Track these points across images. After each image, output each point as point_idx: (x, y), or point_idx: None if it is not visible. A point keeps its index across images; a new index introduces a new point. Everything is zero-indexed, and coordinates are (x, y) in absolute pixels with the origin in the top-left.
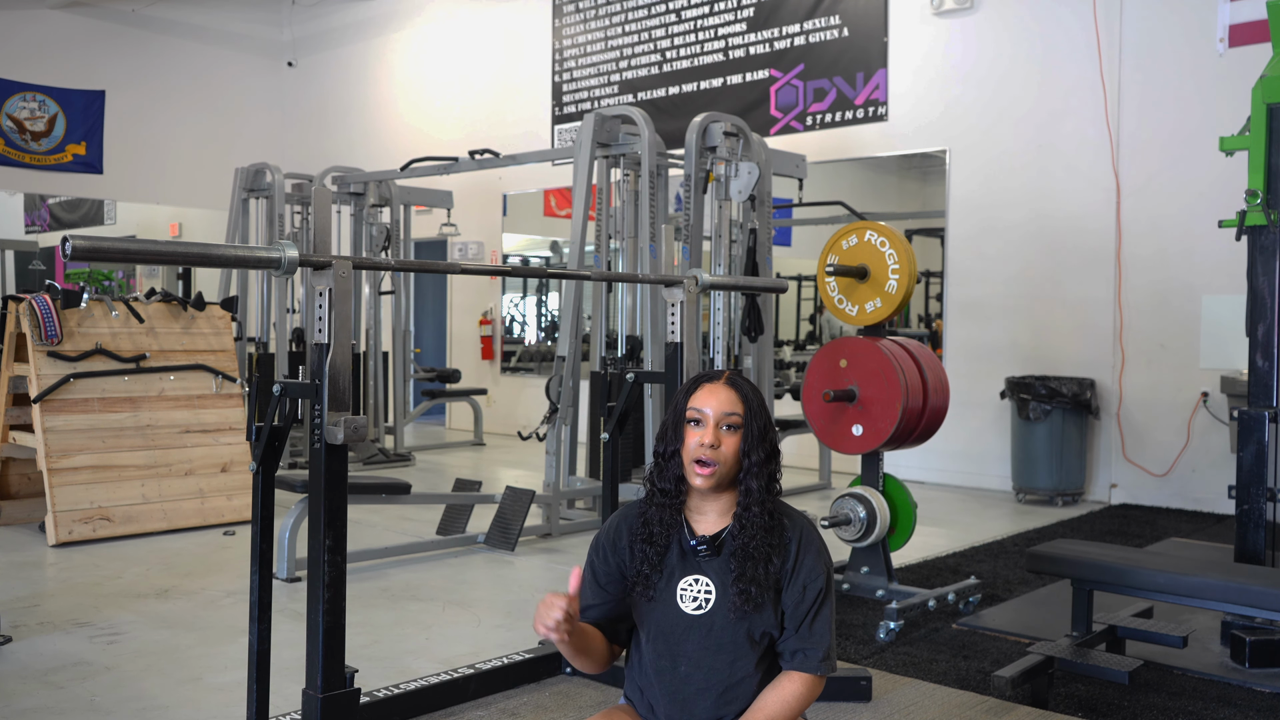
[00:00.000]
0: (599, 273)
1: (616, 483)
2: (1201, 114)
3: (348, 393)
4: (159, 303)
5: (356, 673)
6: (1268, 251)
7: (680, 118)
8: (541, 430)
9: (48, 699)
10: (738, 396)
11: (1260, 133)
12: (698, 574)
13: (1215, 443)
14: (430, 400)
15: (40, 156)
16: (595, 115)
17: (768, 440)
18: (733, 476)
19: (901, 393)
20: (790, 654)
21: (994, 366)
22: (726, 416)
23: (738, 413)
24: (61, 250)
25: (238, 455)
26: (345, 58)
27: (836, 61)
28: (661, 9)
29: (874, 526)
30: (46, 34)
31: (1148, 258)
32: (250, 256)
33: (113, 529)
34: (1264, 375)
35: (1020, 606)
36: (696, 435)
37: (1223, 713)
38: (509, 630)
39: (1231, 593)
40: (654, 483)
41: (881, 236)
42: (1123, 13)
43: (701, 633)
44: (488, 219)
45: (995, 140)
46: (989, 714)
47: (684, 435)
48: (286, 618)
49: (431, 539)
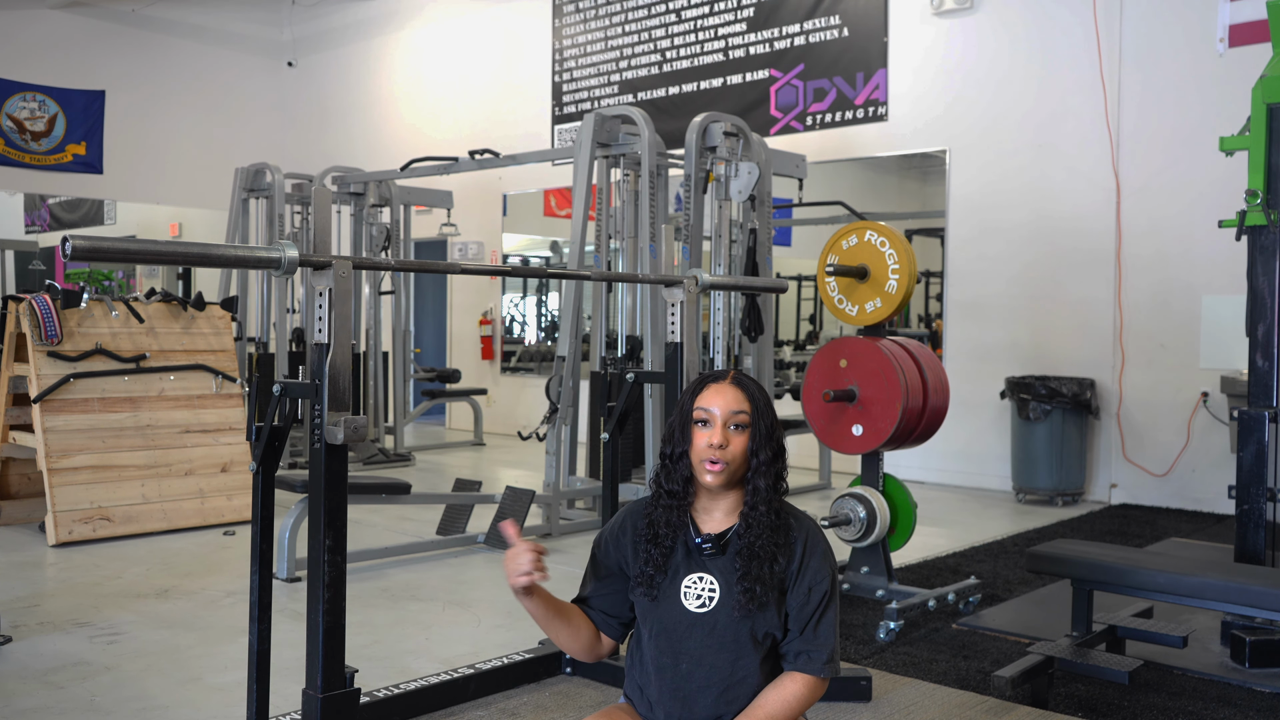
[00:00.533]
0: (599, 273)
1: (616, 483)
2: (1201, 114)
3: (348, 393)
4: (159, 303)
5: (356, 673)
6: (1268, 251)
7: (680, 118)
8: (541, 430)
9: (48, 699)
10: (744, 395)
11: (1260, 133)
12: (702, 572)
13: (1215, 443)
14: (430, 400)
15: (40, 156)
16: (595, 115)
17: (774, 438)
18: (741, 475)
19: (901, 393)
20: (794, 655)
21: (994, 366)
22: (734, 416)
23: (745, 411)
24: (61, 250)
25: (238, 455)
26: (345, 58)
27: (836, 61)
28: (661, 9)
29: (874, 526)
30: (46, 34)
31: (1148, 258)
32: (250, 256)
33: (113, 529)
34: (1264, 375)
35: (1020, 606)
36: (705, 436)
37: (1223, 713)
38: (509, 630)
39: (1231, 593)
40: (661, 484)
41: (881, 236)
42: (1123, 13)
43: (704, 631)
44: (488, 219)
45: (995, 140)
46: (989, 714)
47: (691, 436)
48: (286, 618)
49: (431, 539)
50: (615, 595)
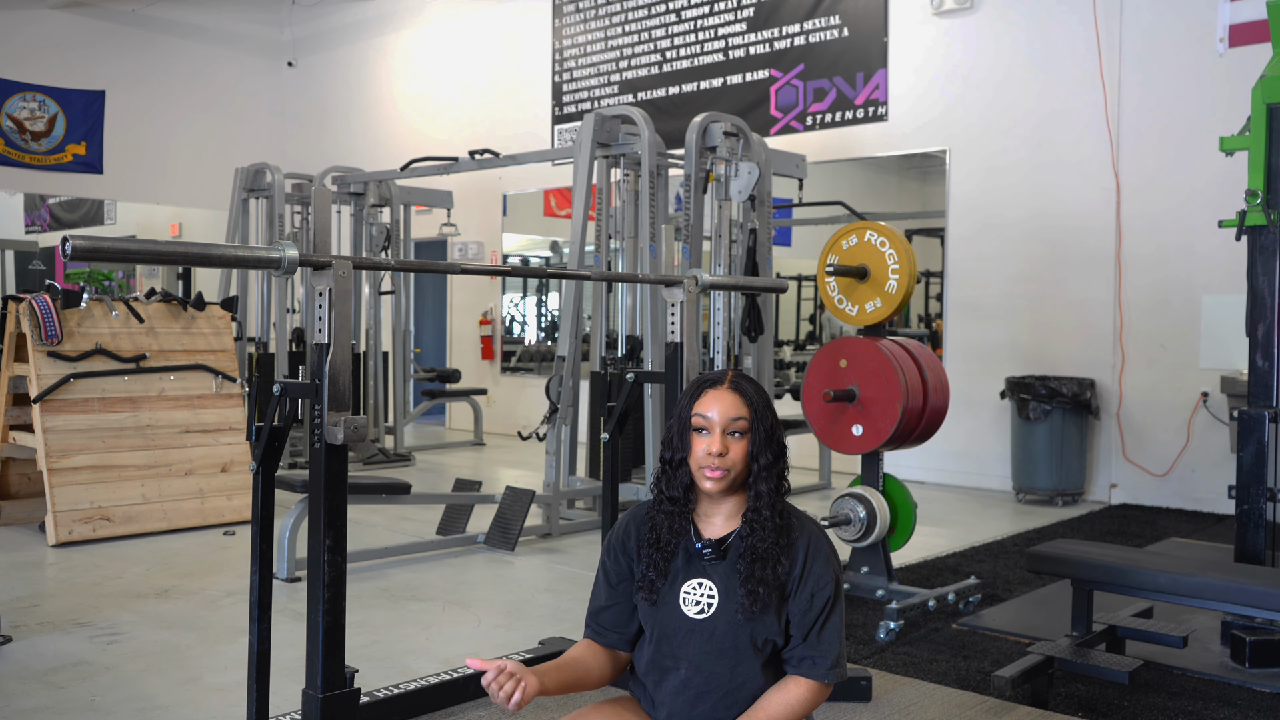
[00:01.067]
0: (599, 273)
1: (616, 483)
2: (1201, 114)
3: (348, 393)
4: (159, 303)
5: (356, 673)
6: (1268, 251)
7: (680, 118)
8: (541, 430)
9: (48, 699)
10: (742, 400)
11: (1260, 133)
12: (701, 577)
13: (1215, 443)
14: (430, 400)
15: (40, 156)
16: (595, 115)
17: (775, 441)
18: (742, 480)
19: (901, 393)
20: (797, 661)
21: (994, 366)
22: (733, 422)
23: (744, 416)
24: (61, 250)
25: (238, 455)
26: (345, 58)
27: (836, 61)
28: (661, 9)
29: (874, 526)
30: (46, 34)
31: (1148, 257)
32: (250, 256)
33: (113, 529)
34: (1264, 375)
35: (1020, 606)
36: (704, 443)
37: (1223, 713)
38: (509, 630)
39: (1231, 593)
40: (662, 490)
41: (881, 236)
42: (1123, 13)
43: (703, 637)
44: (488, 219)
45: (995, 140)
46: (989, 714)
47: (690, 443)
48: (286, 618)
49: (431, 539)
50: (627, 604)
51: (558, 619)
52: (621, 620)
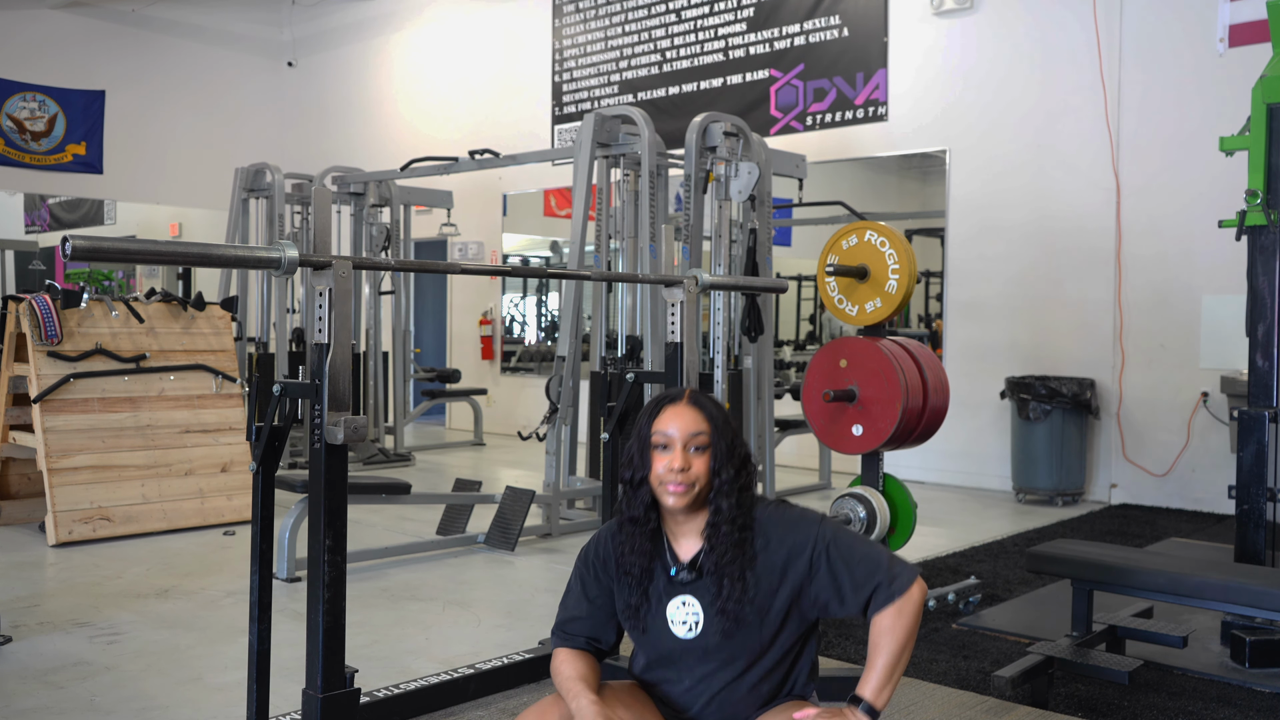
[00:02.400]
0: (599, 273)
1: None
2: (1201, 114)
3: (348, 393)
4: (159, 303)
5: (356, 673)
6: (1268, 251)
7: (680, 118)
8: (541, 430)
9: (48, 699)
10: (702, 416)
11: (1260, 133)
12: (685, 595)
13: (1215, 443)
14: (430, 400)
15: (40, 156)
16: (595, 115)
17: (736, 454)
18: (706, 494)
19: (901, 393)
20: (869, 607)
21: (994, 366)
22: (693, 438)
23: (704, 431)
24: (61, 250)
25: (238, 455)
26: (345, 58)
27: (836, 61)
28: (661, 9)
29: (874, 526)
30: (46, 34)
31: (1148, 258)
32: (250, 256)
33: (113, 529)
34: (1264, 375)
35: (1020, 606)
36: (664, 460)
37: (1223, 713)
38: (509, 630)
39: (1231, 593)
40: (623, 511)
41: (881, 236)
42: (1123, 13)
43: (698, 655)
44: (488, 219)
45: (995, 140)
46: (989, 714)
47: (651, 461)
48: (286, 618)
49: (431, 539)
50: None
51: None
52: (596, 630)
